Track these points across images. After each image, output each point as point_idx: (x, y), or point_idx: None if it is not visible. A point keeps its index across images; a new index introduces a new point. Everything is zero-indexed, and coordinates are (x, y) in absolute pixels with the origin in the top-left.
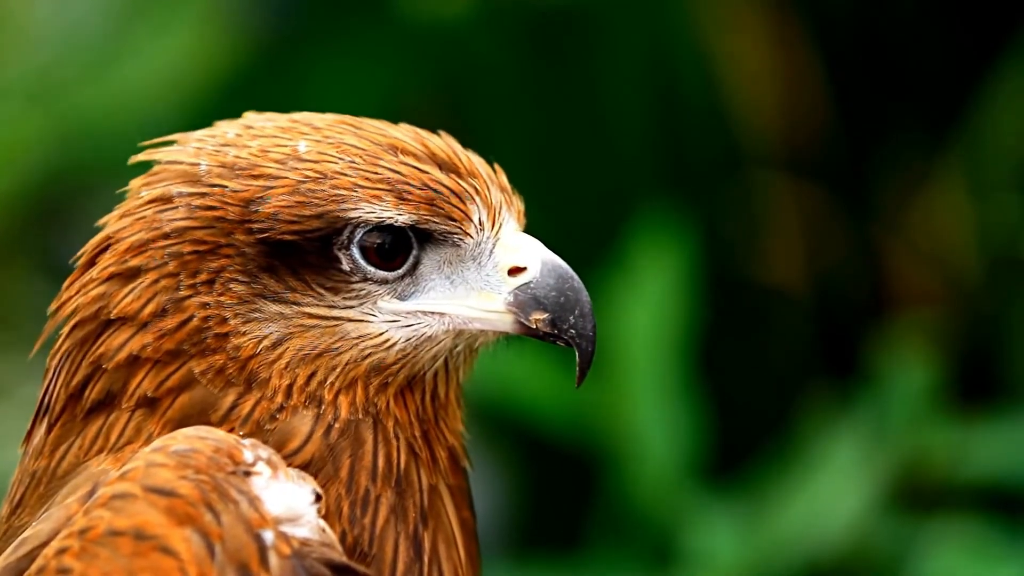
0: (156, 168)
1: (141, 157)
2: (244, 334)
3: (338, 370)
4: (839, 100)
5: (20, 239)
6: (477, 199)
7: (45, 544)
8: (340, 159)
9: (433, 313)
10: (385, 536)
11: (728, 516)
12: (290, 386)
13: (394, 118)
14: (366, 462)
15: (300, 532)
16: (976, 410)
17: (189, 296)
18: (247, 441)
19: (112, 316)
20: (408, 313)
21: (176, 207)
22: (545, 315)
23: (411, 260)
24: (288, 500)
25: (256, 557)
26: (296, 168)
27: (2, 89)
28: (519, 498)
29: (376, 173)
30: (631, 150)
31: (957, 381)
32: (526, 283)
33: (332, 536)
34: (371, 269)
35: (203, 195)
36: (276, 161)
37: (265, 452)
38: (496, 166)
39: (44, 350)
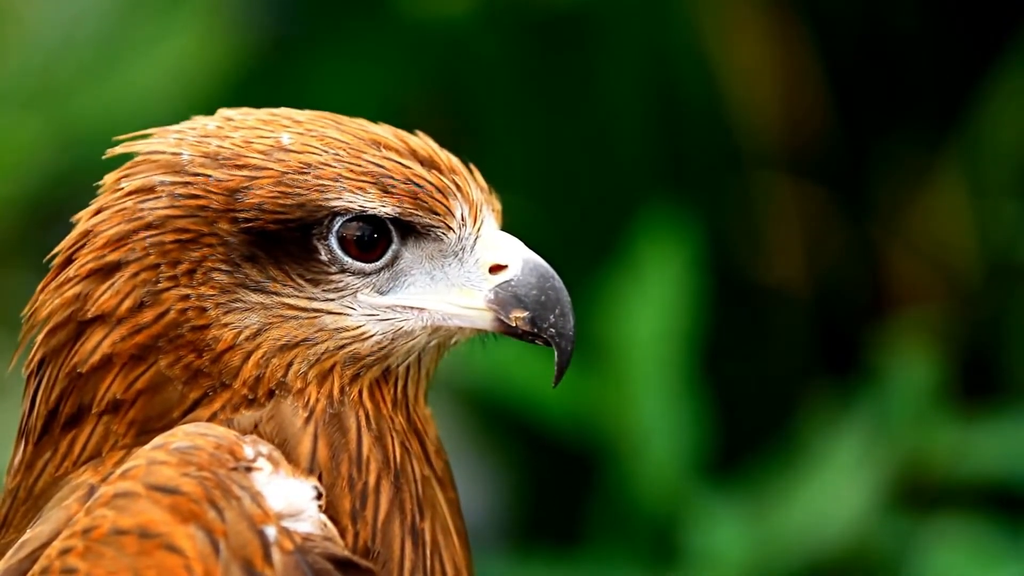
0: (134, 160)
1: (119, 150)
2: (225, 325)
3: (313, 360)
4: (839, 100)
5: (22, 242)
6: (459, 195)
7: (46, 545)
8: (324, 151)
9: (412, 308)
10: (389, 532)
11: (730, 513)
12: (258, 378)
13: (394, 118)
14: (352, 451)
15: (302, 527)
16: (977, 409)
17: (169, 288)
18: (247, 437)
19: (89, 316)
20: (387, 307)
21: (159, 196)
22: (525, 313)
23: (390, 253)
24: (289, 495)
25: (260, 553)
26: (281, 159)
27: (2, 92)
28: (520, 494)
29: (359, 166)
30: (631, 150)
31: (958, 380)
32: (507, 281)
33: (333, 530)
34: (348, 260)
35: (187, 184)
36: (260, 152)
37: (265, 448)
38: (472, 166)
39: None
